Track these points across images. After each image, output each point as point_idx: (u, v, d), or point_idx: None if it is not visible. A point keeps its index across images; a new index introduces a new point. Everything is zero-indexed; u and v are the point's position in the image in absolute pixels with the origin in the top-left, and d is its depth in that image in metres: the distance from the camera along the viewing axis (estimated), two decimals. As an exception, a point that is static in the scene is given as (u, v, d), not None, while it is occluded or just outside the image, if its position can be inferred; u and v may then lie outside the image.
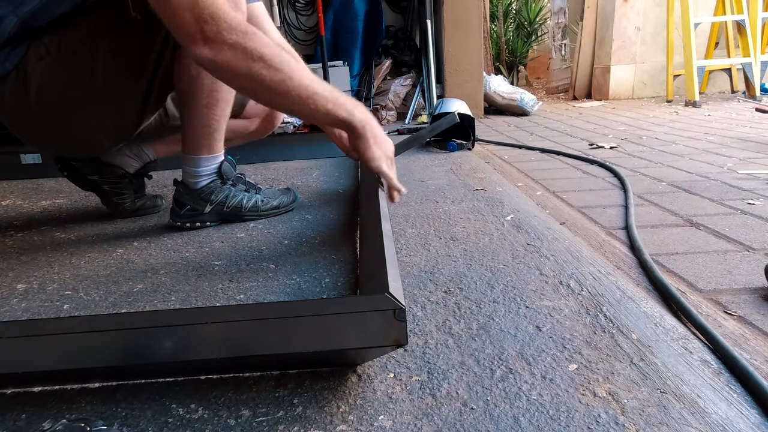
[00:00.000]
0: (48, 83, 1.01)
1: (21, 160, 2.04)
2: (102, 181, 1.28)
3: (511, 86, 4.10)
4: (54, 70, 1.00)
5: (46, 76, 1.00)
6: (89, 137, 1.12)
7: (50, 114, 1.05)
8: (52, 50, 0.99)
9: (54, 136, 1.10)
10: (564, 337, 0.66)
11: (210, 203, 1.19)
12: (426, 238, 1.06)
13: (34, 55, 0.99)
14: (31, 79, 1.00)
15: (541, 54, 7.63)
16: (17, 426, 0.54)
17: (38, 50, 0.99)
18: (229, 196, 1.21)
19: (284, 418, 0.53)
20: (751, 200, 1.36)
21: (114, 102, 1.07)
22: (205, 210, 1.20)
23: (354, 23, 3.58)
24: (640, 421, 0.50)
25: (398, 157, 1.89)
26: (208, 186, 1.18)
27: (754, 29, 3.89)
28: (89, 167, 1.27)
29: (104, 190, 1.30)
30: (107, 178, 1.28)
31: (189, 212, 1.20)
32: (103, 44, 1.00)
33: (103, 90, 1.04)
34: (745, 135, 2.44)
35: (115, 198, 1.31)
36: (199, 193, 1.18)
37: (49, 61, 0.99)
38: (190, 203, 1.19)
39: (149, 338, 0.56)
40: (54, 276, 0.97)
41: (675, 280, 0.91)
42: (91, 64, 1.01)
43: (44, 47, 0.99)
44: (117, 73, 1.03)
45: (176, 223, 1.22)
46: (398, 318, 0.54)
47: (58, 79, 1.01)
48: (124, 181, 1.31)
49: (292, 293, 0.84)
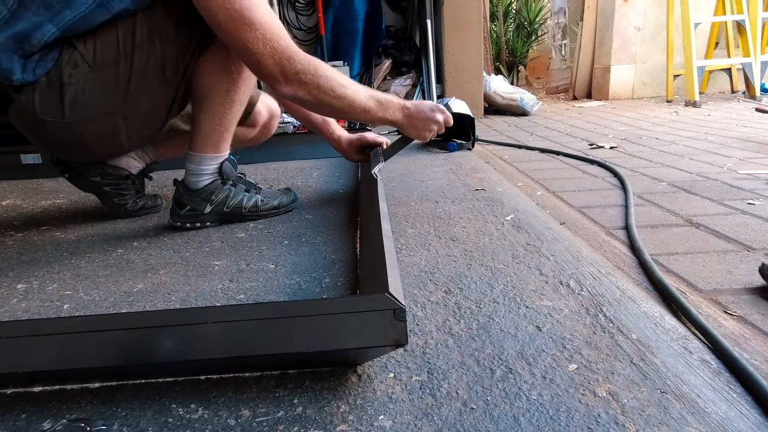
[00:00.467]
0: (84, 90, 1.03)
1: (21, 160, 2.04)
2: (104, 182, 1.29)
3: (511, 86, 4.10)
4: (92, 78, 1.03)
5: (83, 83, 1.03)
6: (112, 141, 1.13)
7: (81, 119, 1.06)
8: (88, 58, 1.01)
9: (77, 141, 1.10)
10: (564, 337, 0.66)
11: (210, 203, 1.19)
12: (426, 238, 1.06)
13: (70, 63, 1.01)
14: (67, 86, 1.02)
15: (541, 54, 7.63)
16: (17, 426, 0.54)
17: (73, 57, 1.01)
18: (229, 196, 1.21)
19: (284, 418, 0.53)
20: (751, 200, 1.36)
21: (142, 108, 1.10)
22: (206, 210, 1.20)
23: (354, 23, 3.58)
24: (640, 421, 0.50)
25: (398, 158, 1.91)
26: (208, 186, 1.19)
27: (754, 29, 3.89)
28: (91, 170, 1.27)
29: (106, 191, 1.30)
30: (110, 179, 1.29)
31: (189, 212, 1.20)
32: (140, 53, 1.03)
33: (135, 97, 1.07)
34: (745, 135, 2.44)
35: (116, 199, 1.31)
36: (199, 193, 1.18)
37: (86, 69, 1.02)
38: (190, 203, 1.19)
39: (149, 338, 0.56)
40: (54, 276, 0.97)
41: (675, 280, 0.91)
42: (128, 72, 1.04)
43: (79, 54, 1.01)
44: (150, 81, 1.07)
45: (176, 223, 1.21)
46: (398, 318, 0.54)
47: (95, 87, 1.03)
48: (127, 182, 1.32)
49: (292, 293, 0.84)
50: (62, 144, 1.12)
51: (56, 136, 1.09)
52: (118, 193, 1.31)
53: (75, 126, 1.06)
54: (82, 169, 1.27)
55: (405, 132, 1.26)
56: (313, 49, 3.76)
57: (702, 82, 4.40)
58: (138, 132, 1.15)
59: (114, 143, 1.13)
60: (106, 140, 1.12)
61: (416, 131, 1.25)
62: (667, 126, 2.91)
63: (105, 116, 1.07)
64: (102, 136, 1.10)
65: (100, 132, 1.09)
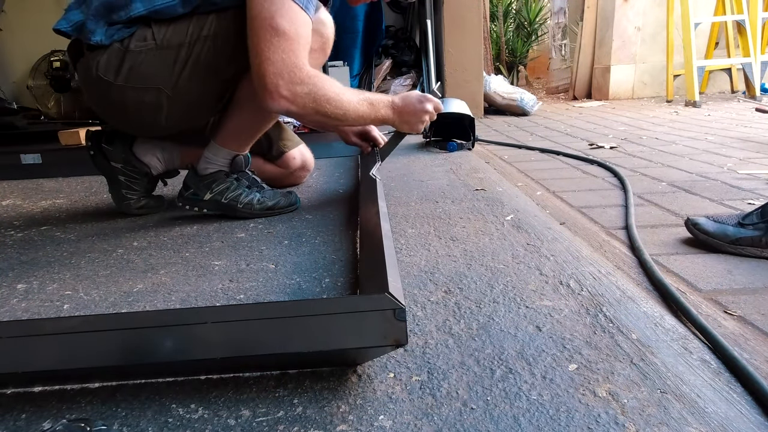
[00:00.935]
0: (143, 63, 1.12)
1: (21, 160, 2.04)
2: (122, 171, 1.32)
3: (511, 86, 4.10)
4: (153, 54, 1.12)
5: (144, 56, 1.12)
6: (152, 116, 1.19)
7: (130, 86, 1.14)
8: (158, 38, 1.11)
9: (120, 105, 1.18)
10: (564, 337, 0.66)
11: (210, 191, 1.24)
12: (426, 238, 1.06)
13: (140, 38, 1.11)
14: (130, 54, 1.11)
15: (541, 54, 7.63)
16: (17, 426, 0.54)
17: (144, 34, 1.11)
18: (229, 188, 1.25)
19: (284, 418, 0.53)
20: (751, 200, 1.36)
21: (188, 94, 1.17)
22: (205, 197, 1.25)
23: (354, 23, 3.58)
24: (640, 421, 0.50)
25: (398, 158, 1.91)
26: (212, 174, 1.24)
27: (754, 29, 3.89)
28: (117, 154, 1.31)
29: (119, 179, 1.33)
30: (129, 170, 1.32)
31: (191, 195, 1.26)
32: (200, 45, 1.12)
33: (185, 82, 1.14)
34: (745, 135, 2.44)
35: (125, 191, 1.34)
36: (203, 179, 1.24)
37: (152, 45, 1.11)
38: (193, 187, 1.25)
39: (149, 338, 0.56)
40: (54, 276, 0.97)
41: (675, 280, 0.91)
42: (185, 60, 1.12)
43: (151, 32, 1.11)
44: (202, 72, 1.14)
45: (178, 203, 1.28)
46: (398, 318, 0.54)
47: (153, 62, 1.12)
48: (143, 179, 1.35)
49: (292, 293, 0.84)
50: (107, 104, 1.20)
51: (104, 96, 1.18)
52: (129, 186, 1.34)
53: (123, 90, 1.14)
54: (108, 152, 1.31)
55: (398, 128, 1.30)
56: (313, 49, 3.75)
57: (702, 82, 4.39)
58: (179, 115, 1.21)
59: (153, 118, 1.19)
60: (147, 113, 1.18)
61: (408, 125, 1.28)
62: (667, 126, 2.91)
63: (152, 90, 1.15)
64: (144, 107, 1.17)
65: (143, 102, 1.16)
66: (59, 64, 3.51)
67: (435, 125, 2.19)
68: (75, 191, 1.77)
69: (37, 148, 2.12)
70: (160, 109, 1.17)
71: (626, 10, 4.69)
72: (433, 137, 2.22)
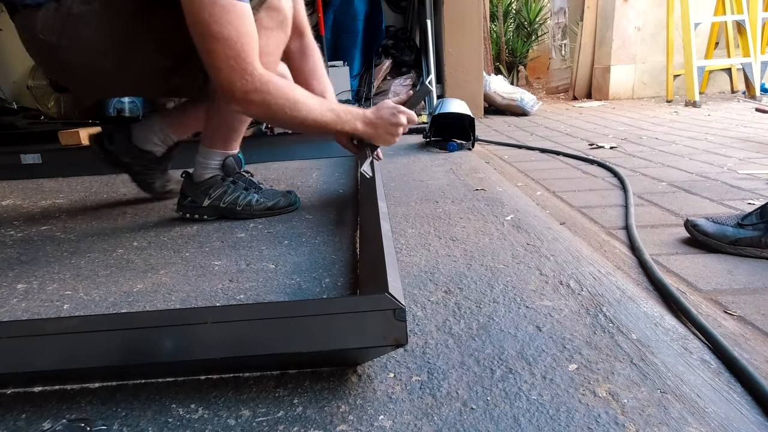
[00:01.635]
0: (86, 25, 1.07)
1: (21, 160, 2.04)
2: (134, 163, 1.39)
3: (511, 86, 4.10)
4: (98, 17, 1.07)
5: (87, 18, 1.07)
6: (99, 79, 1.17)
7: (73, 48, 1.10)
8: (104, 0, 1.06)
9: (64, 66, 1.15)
10: (564, 337, 0.66)
11: (208, 197, 1.25)
12: (426, 238, 1.06)
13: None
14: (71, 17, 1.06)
15: (541, 54, 7.63)
16: (17, 426, 0.54)
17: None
18: (226, 192, 1.26)
19: (284, 418, 0.53)
20: (752, 200, 1.36)
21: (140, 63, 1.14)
22: (204, 203, 1.26)
23: (354, 23, 3.58)
24: (640, 421, 0.50)
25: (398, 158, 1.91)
26: (208, 180, 1.25)
27: (754, 29, 3.89)
28: (122, 150, 1.37)
29: (136, 170, 1.41)
30: (138, 161, 1.39)
31: (190, 204, 1.27)
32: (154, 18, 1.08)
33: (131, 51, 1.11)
34: (745, 135, 2.44)
35: (146, 177, 1.43)
36: (199, 185, 1.25)
37: (97, 7, 1.06)
38: (191, 195, 1.26)
39: (149, 338, 0.56)
40: (54, 276, 0.97)
41: (675, 280, 0.91)
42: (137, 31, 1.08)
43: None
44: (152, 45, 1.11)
45: (178, 212, 1.29)
46: (398, 318, 0.54)
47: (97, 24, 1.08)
48: (153, 164, 1.42)
49: (292, 293, 0.84)
50: (51, 65, 1.18)
51: (47, 56, 1.15)
52: (147, 173, 1.42)
53: (67, 52, 1.10)
54: (116, 151, 1.37)
55: (370, 140, 1.26)
56: (313, 49, 3.75)
57: (702, 82, 4.39)
58: (125, 81, 1.20)
59: (101, 82, 1.18)
60: (94, 76, 1.16)
61: (381, 140, 1.25)
62: (667, 126, 2.91)
63: (97, 54, 1.11)
64: (89, 70, 1.14)
65: (88, 65, 1.13)
66: (59, 64, 3.50)
67: (435, 125, 2.19)
68: (75, 191, 1.77)
69: (37, 148, 2.11)
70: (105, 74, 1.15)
71: (626, 10, 4.69)
72: (433, 137, 2.22)
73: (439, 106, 2.27)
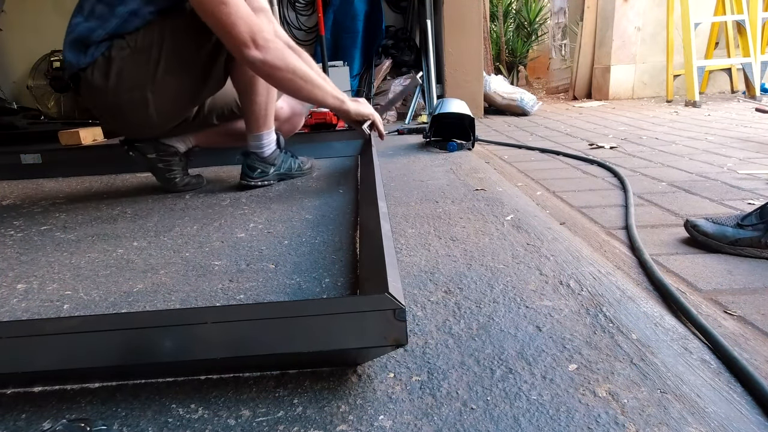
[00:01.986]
0: (125, 67, 1.34)
1: (21, 160, 2.04)
2: (158, 159, 1.58)
3: (511, 86, 4.09)
4: (131, 58, 1.34)
5: (125, 61, 1.34)
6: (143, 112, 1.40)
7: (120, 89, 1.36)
8: (131, 44, 1.33)
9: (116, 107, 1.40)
10: (564, 337, 0.66)
11: (274, 166, 1.61)
12: (426, 238, 1.06)
13: (118, 47, 1.33)
14: (114, 61, 1.34)
15: (541, 54, 7.63)
16: (17, 426, 0.54)
17: (121, 44, 1.33)
18: (284, 160, 1.65)
19: (284, 418, 0.53)
20: (752, 200, 1.36)
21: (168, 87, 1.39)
22: (270, 172, 1.61)
23: (354, 23, 3.58)
24: (640, 421, 0.50)
25: (398, 158, 1.92)
26: (272, 154, 1.59)
27: (754, 29, 3.88)
28: (148, 147, 1.57)
29: (159, 167, 1.60)
30: (162, 155, 1.58)
31: (259, 174, 1.59)
32: (168, 42, 1.34)
33: (162, 76, 1.36)
34: (745, 135, 2.44)
35: (167, 174, 1.60)
36: (267, 159, 1.59)
37: (128, 51, 1.34)
38: (260, 167, 1.58)
39: (149, 338, 0.56)
40: (54, 276, 0.97)
41: (675, 280, 0.91)
42: (157, 56, 1.34)
43: (126, 42, 1.33)
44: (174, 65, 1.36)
45: (249, 182, 1.58)
46: (398, 318, 0.54)
47: (132, 65, 1.35)
48: (175, 158, 1.61)
49: (292, 293, 0.84)
50: (108, 109, 1.42)
51: (103, 102, 1.40)
52: (169, 168, 1.60)
53: (116, 93, 1.36)
54: (141, 148, 1.57)
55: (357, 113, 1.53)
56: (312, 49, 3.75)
57: (702, 82, 4.39)
58: (164, 107, 1.42)
59: (145, 114, 1.41)
60: (140, 110, 1.40)
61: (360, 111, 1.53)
62: (667, 126, 2.91)
63: (137, 88, 1.37)
64: (135, 105, 1.39)
65: (133, 101, 1.38)
66: (59, 64, 3.51)
67: (435, 125, 2.19)
68: (75, 191, 1.77)
69: (37, 148, 2.12)
70: (147, 104, 1.38)
71: (626, 10, 4.69)
72: (433, 137, 2.22)
73: (439, 106, 2.27)
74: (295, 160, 1.70)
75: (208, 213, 1.37)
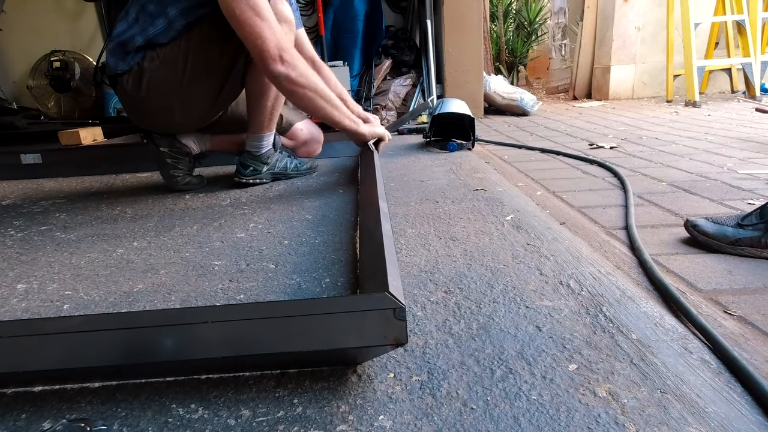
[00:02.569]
0: (155, 77, 1.44)
1: (21, 160, 2.04)
2: (168, 154, 1.62)
3: (511, 86, 4.10)
4: (160, 69, 1.44)
5: (155, 72, 1.44)
6: (170, 116, 1.52)
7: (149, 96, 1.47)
8: (161, 56, 1.43)
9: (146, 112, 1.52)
10: (564, 337, 0.66)
11: (266, 165, 1.64)
12: (426, 238, 1.06)
13: (150, 58, 1.44)
14: (146, 72, 1.44)
15: (541, 54, 7.63)
16: (17, 426, 0.54)
17: (152, 55, 1.44)
18: (279, 159, 1.68)
19: (284, 418, 0.53)
20: (752, 200, 1.36)
21: (193, 95, 1.49)
22: (263, 170, 1.64)
23: (354, 23, 3.58)
24: (640, 421, 0.50)
25: (398, 158, 1.92)
26: (265, 152, 1.63)
27: (754, 29, 3.89)
28: (164, 141, 1.62)
29: (167, 162, 1.63)
30: (173, 152, 1.63)
31: (252, 171, 1.63)
32: (192, 55, 1.43)
33: (187, 85, 1.46)
34: (745, 135, 2.44)
35: (172, 171, 1.64)
36: (259, 157, 1.63)
37: (158, 62, 1.43)
38: (253, 165, 1.63)
39: (149, 338, 0.56)
40: (54, 276, 0.97)
41: (675, 280, 0.91)
42: (184, 68, 1.44)
43: (156, 54, 1.43)
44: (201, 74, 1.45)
45: (241, 180, 1.63)
46: (398, 317, 0.54)
47: (161, 75, 1.44)
48: (185, 159, 1.65)
49: (292, 293, 0.84)
50: (139, 113, 1.54)
51: (135, 107, 1.52)
52: (175, 166, 1.64)
53: (146, 100, 1.47)
54: (156, 140, 1.62)
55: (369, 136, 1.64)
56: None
57: (702, 82, 4.39)
58: (189, 112, 1.53)
59: (171, 118, 1.53)
60: (166, 114, 1.51)
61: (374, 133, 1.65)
62: (667, 126, 2.91)
63: (165, 96, 1.47)
64: (162, 111, 1.50)
65: (162, 107, 1.49)
66: (59, 64, 3.51)
67: (435, 125, 2.19)
68: (75, 191, 1.77)
69: (37, 148, 2.12)
70: (173, 110, 1.50)
71: (626, 10, 4.69)
72: (433, 137, 2.22)
73: (439, 106, 2.27)
74: (292, 160, 1.73)
75: (208, 213, 1.37)
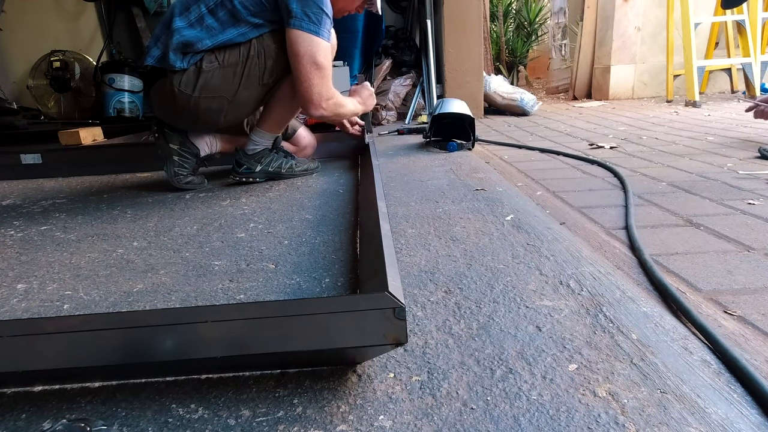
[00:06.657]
0: (212, 78, 1.50)
1: (21, 160, 2.04)
2: (177, 152, 1.65)
3: (511, 86, 4.09)
4: (218, 72, 1.50)
5: (212, 74, 1.50)
6: (215, 116, 1.56)
7: (203, 96, 1.51)
8: (220, 60, 1.50)
9: (193, 111, 1.53)
10: (564, 337, 0.66)
11: (260, 164, 1.67)
12: (426, 238, 1.06)
13: (209, 60, 1.50)
14: (203, 73, 1.49)
15: (541, 54, 7.63)
16: (17, 426, 0.54)
17: (211, 57, 1.50)
18: (273, 159, 1.70)
19: (284, 418, 0.53)
20: (751, 200, 1.36)
21: (243, 98, 1.55)
22: (256, 169, 1.67)
23: (354, 23, 3.57)
24: (640, 421, 0.50)
25: (398, 158, 1.92)
26: (260, 152, 1.66)
27: (754, 29, 3.88)
28: (175, 138, 1.65)
29: (173, 159, 1.64)
30: (183, 151, 1.66)
31: (245, 170, 1.67)
32: (251, 62, 1.51)
33: (241, 90, 1.53)
34: (745, 135, 2.44)
35: (176, 168, 1.65)
36: (253, 156, 1.66)
37: (217, 65, 1.50)
38: (246, 163, 1.66)
39: (149, 337, 0.56)
40: (54, 276, 0.97)
41: (675, 280, 0.91)
42: (241, 74, 1.51)
43: (215, 56, 1.50)
44: (253, 81, 1.53)
45: (235, 178, 1.67)
46: (398, 316, 0.54)
47: (219, 78, 1.51)
48: (192, 159, 1.68)
49: (292, 293, 0.84)
50: (183, 111, 1.55)
51: (182, 105, 1.53)
52: (181, 164, 1.66)
53: (198, 100, 1.51)
54: (168, 136, 1.64)
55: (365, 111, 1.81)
56: (313, 49, 3.74)
57: (702, 82, 4.39)
58: (233, 114, 1.59)
59: (216, 118, 1.57)
60: (212, 115, 1.56)
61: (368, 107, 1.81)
62: (667, 126, 2.91)
63: (218, 98, 1.53)
64: (210, 111, 1.55)
65: (210, 108, 1.54)
66: (59, 64, 3.51)
67: (435, 125, 2.19)
68: (75, 191, 1.77)
69: (37, 148, 2.12)
70: (221, 111, 1.55)
71: (626, 10, 4.69)
72: (433, 137, 2.22)
73: (439, 106, 2.27)
74: (287, 161, 1.74)
75: (208, 213, 1.37)
